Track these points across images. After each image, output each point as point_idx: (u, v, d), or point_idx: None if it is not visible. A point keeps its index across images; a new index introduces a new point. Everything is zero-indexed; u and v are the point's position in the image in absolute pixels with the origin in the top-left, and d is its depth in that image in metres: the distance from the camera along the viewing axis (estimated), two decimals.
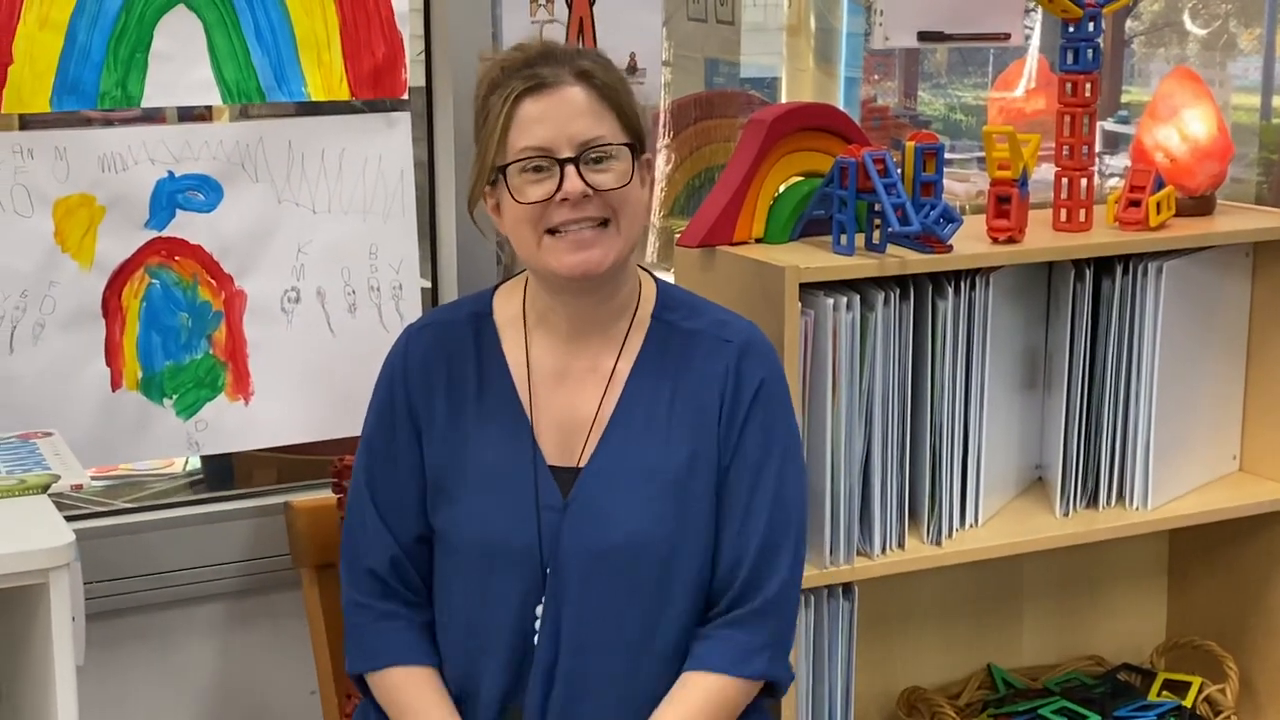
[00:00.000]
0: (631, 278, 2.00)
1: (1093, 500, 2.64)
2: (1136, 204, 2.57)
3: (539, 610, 1.94)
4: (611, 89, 1.90)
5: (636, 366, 1.98)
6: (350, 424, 2.36)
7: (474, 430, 1.98)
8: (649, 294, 2.02)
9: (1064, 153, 2.57)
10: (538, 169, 1.87)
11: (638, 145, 1.92)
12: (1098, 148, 2.64)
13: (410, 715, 1.97)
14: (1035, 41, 3.43)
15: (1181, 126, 2.67)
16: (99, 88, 2.22)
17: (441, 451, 1.98)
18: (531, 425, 1.98)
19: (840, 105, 3.66)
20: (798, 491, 1.99)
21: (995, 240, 2.45)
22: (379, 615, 2.00)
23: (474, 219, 1.99)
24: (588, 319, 1.98)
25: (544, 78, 1.87)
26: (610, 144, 1.88)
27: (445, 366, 2.00)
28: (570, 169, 1.86)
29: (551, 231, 1.88)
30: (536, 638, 1.94)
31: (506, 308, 2.03)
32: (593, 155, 1.87)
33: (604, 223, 1.89)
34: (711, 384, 1.97)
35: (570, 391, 1.99)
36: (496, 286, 2.07)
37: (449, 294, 2.54)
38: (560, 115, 1.87)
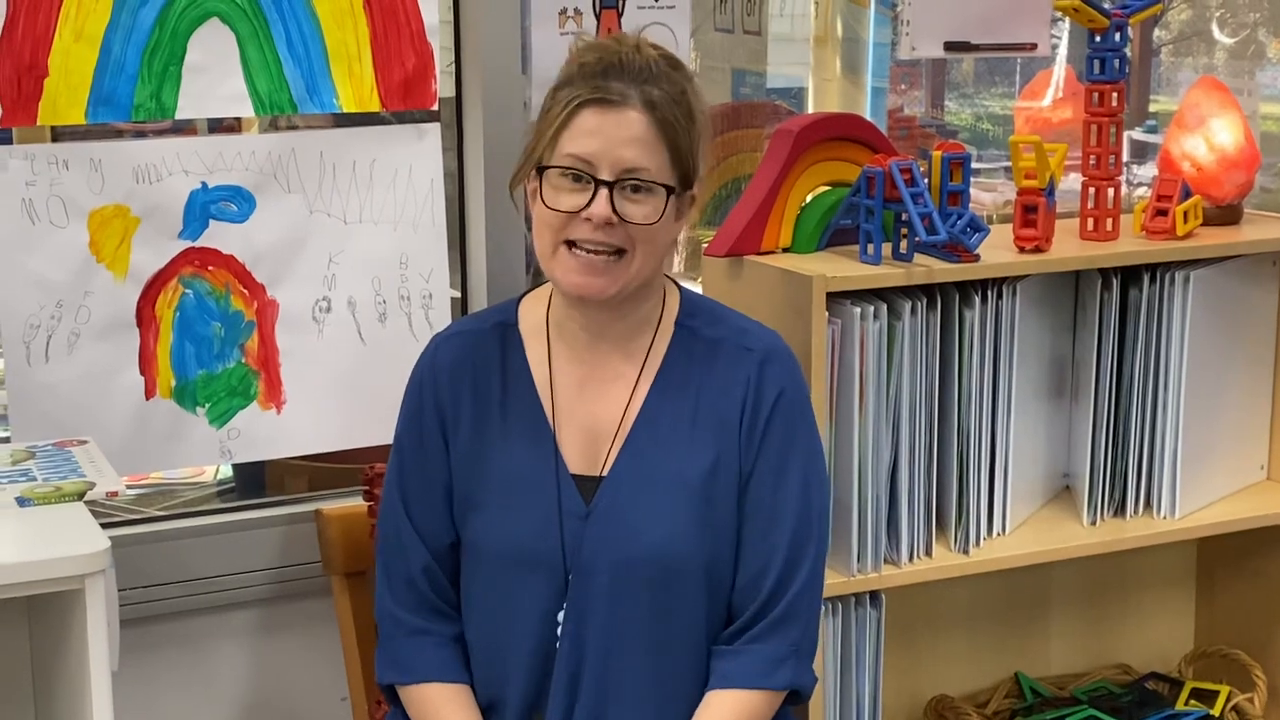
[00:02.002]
0: (654, 293, 1.99)
1: (1120, 509, 2.64)
2: (1163, 213, 2.57)
3: (560, 618, 1.95)
4: (671, 126, 1.87)
5: (660, 374, 1.99)
6: (380, 432, 2.38)
7: (498, 439, 1.99)
8: (673, 302, 2.03)
9: (1090, 162, 2.57)
10: (576, 178, 1.87)
11: (679, 187, 1.90)
12: (1126, 157, 2.64)
13: None
14: (1063, 51, 3.44)
15: (1208, 136, 2.67)
16: (133, 100, 2.24)
17: (466, 459, 1.99)
18: (554, 433, 1.98)
19: (867, 115, 3.68)
20: (820, 499, 1.99)
21: (1022, 249, 2.45)
22: (412, 630, 2.00)
23: (513, 197, 1.98)
24: (605, 331, 1.98)
25: (611, 94, 1.85)
26: (652, 181, 1.87)
27: (471, 374, 2.01)
28: (604, 192, 1.85)
29: (570, 244, 1.89)
30: (558, 645, 1.95)
31: (531, 317, 2.04)
32: (630, 184, 1.86)
33: (619, 252, 1.88)
34: (733, 392, 1.97)
35: (593, 399, 1.99)
36: (522, 296, 2.08)
37: (478, 303, 2.56)
38: (613, 136, 1.85)
